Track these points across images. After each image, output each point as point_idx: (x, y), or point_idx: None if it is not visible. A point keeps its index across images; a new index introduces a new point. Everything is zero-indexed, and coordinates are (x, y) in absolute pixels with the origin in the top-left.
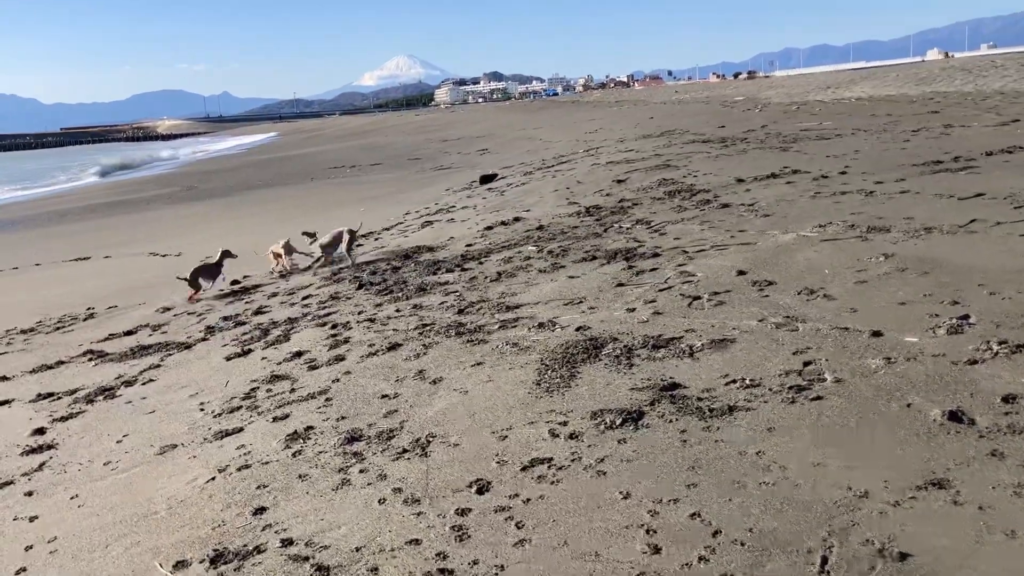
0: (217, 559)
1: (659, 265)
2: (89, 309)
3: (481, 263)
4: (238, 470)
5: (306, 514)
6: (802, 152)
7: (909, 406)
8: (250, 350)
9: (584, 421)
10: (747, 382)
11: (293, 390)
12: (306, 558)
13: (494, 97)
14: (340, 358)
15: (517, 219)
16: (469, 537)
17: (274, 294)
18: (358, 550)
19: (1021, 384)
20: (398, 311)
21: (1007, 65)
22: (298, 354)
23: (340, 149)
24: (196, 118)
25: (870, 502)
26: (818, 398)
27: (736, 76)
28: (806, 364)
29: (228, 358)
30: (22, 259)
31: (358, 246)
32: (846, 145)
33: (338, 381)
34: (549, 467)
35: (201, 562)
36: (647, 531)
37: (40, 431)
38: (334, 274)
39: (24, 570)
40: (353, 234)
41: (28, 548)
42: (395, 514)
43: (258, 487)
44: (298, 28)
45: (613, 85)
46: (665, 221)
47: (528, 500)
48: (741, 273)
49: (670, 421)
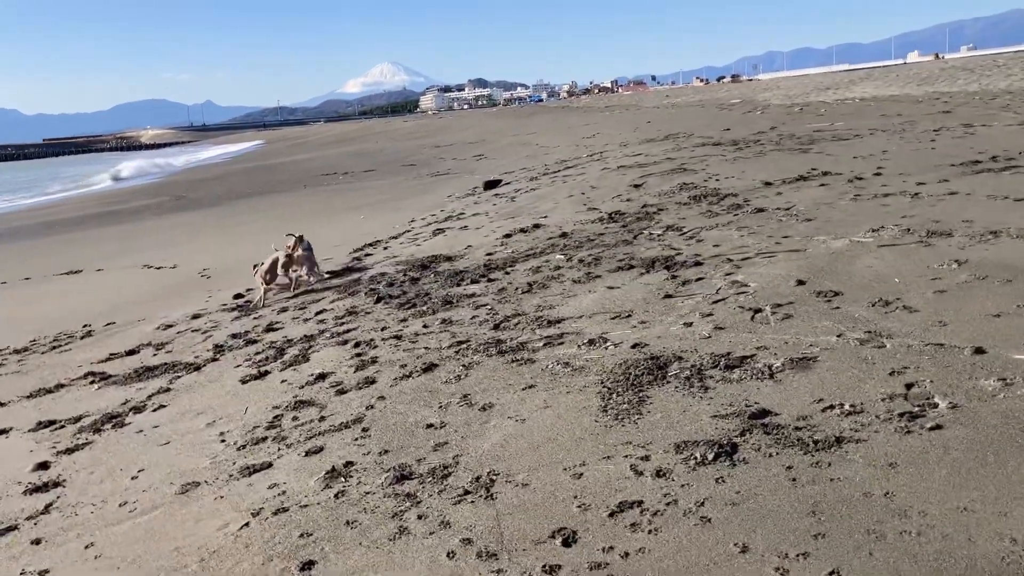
0: None
1: (704, 274)
2: (86, 326)
3: (507, 273)
4: (274, 514)
5: (362, 570)
6: (824, 153)
7: None
8: (267, 371)
9: (668, 455)
10: (847, 408)
11: (322, 418)
12: None
13: (479, 103)
14: (370, 381)
15: (536, 226)
16: None
17: (284, 309)
18: None
19: None
20: (426, 327)
21: (1010, 64)
22: (322, 376)
23: (329, 156)
24: (180, 127)
25: None
26: (937, 427)
27: (720, 80)
28: (909, 387)
29: (243, 381)
30: (10, 273)
31: (367, 256)
32: (870, 146)
33: (372, 408)
34: (642, 512)
35: None
36: None
37: (43, 466)
38: (347, 287)
39: None
40: (291, 254)
41: None
42: (469, 572)
43: (301, 535)
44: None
45: (597, 91)
46: (698, 227)
47: (626, 554)
48: (800, 283)
49: (770, 455)
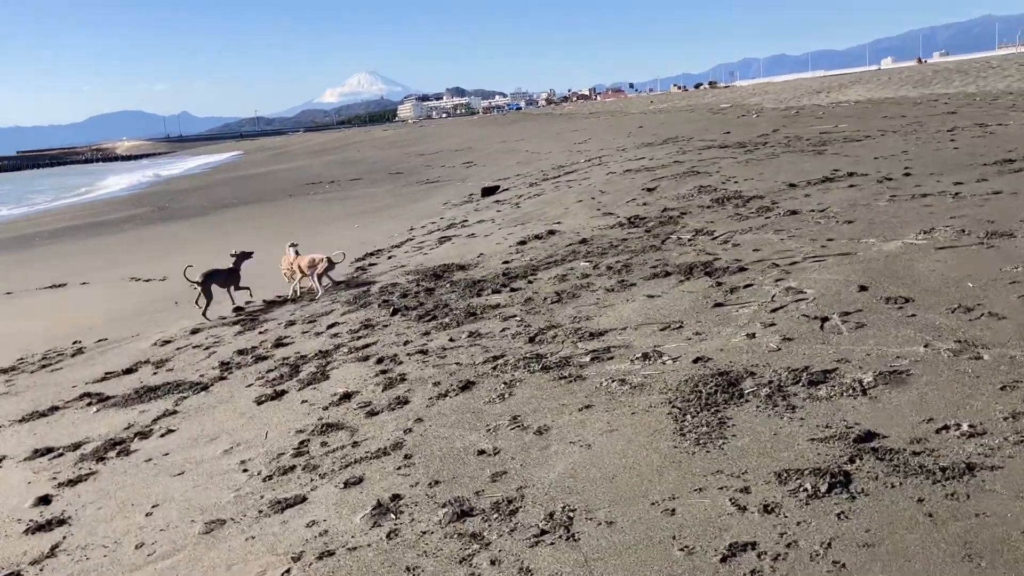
0: None
1: (752, 280)
2: (76, 343)
3: (530, 282)
4: (319, 559)
5: None
6: (841, 154)
7: None
8: (283, 391)
9: (772, 487)
10: (964, 429)
11: (356, 443)
12: None
13: (458, 112)
14: (402, 401)
15: (551, 232)
16: None
17: (291, 322)
18: None
19: None
20: (452, 340)
21: (1004, 66)
22: (347, 396)
23: (312, 165)
24: (156, 138)
25: None
26: None
27: (698, 87)
28: None
29: (259, 401)
30: None
31: (371, 265)
32: (886, 146)
33: (411, 431)
34: (760, 557)
35: None
36: None
37: (45, 500)
38: (357, 298)
39: None
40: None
41: None
42: None
43: None
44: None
45: (576, 98)
46: (730, 231)
47: None
48: (863, 288)
49: (892, 486)
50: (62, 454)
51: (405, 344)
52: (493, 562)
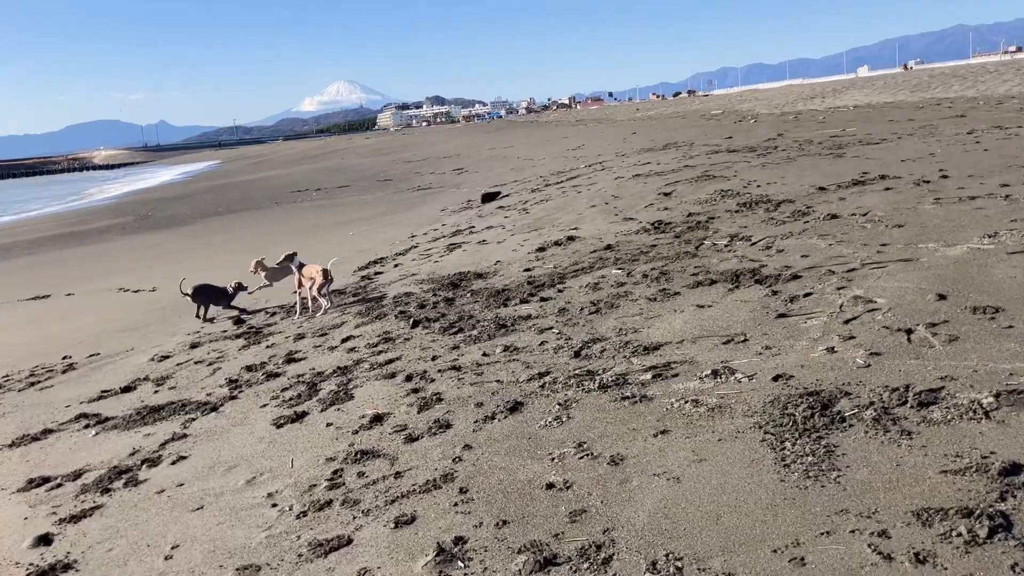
0: None
1: (811, 289)
2: (66, 358)
3: (560, 291)
4: None
5: None
6: (863, 157)
7: None
8: (304, 412)
9: (913, 529)
10: None
11: (398, 474)
12: None
13: (438, 120)
14: (443, 425)
15: (571, 239)
16: None
17: (300, 336)
18: None
19: None
20: (486, 355)
21: (1002, 71)
22: (378, 418)
23: (296, 173)
24: (134, 147)
25: None
26: None
27: (676, 95)
28: None
29: (277, 424)
30: None
31: (377, 274)
32: (909, 149)
33: (461, 460)
34: None
35: None
36: None
37: (45, 539)
38: (370, 309)
39: None
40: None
41: None
42: None
43: None
44: (235, 55)
45: (556, 107)
46: (769, 236)
47: None
48: (941, 297)
49: None
50: (61, 484)
51: (433, 359)
52: None
